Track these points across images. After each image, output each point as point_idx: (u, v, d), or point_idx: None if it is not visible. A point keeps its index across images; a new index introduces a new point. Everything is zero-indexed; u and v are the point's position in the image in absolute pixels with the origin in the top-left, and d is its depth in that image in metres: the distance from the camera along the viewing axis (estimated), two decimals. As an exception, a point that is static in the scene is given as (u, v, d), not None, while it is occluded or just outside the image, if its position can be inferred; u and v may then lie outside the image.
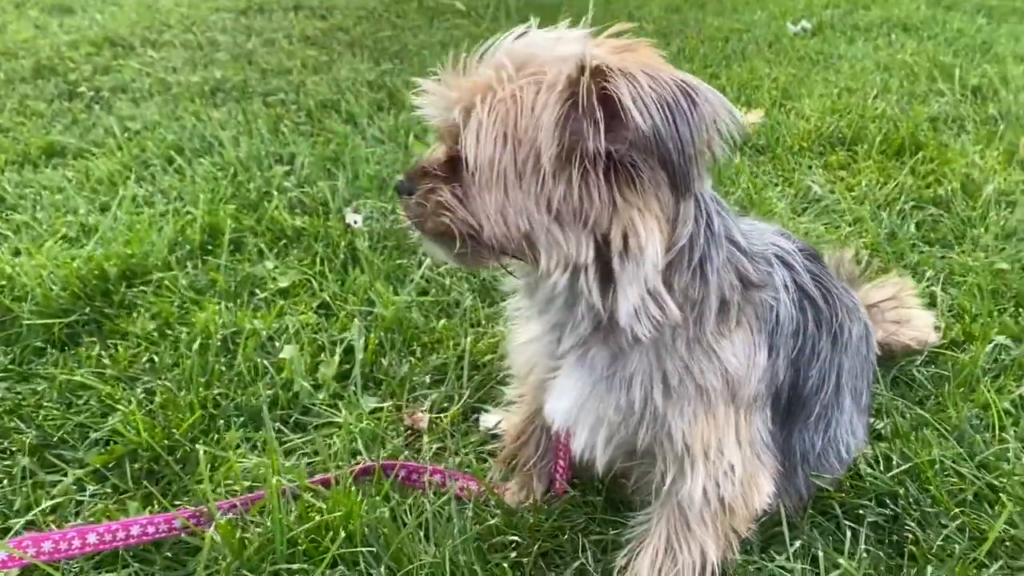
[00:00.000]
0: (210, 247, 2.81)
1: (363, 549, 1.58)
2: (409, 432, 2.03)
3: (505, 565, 1.63)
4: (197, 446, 1.91)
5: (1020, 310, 2.44)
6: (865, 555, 1.65)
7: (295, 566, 1.55)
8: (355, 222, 2.91)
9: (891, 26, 5.90)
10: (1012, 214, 3.00)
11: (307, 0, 6.66)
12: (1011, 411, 2.02)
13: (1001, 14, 6.23)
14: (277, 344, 2.30)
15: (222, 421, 2.03)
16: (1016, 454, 1.87)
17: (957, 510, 1.72)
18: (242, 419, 2.04)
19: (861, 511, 1.75)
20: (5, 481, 1.83)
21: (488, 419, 2.03)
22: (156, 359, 2.23)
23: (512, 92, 1.21)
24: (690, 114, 1.15)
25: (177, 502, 1.79)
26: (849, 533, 1.68)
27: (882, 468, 1.83)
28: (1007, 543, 1.66)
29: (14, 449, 1.92)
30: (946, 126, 3.96)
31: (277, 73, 4.79)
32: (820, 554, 1.64)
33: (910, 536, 1.69)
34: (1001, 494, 1.75)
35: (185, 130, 3.80)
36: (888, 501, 1.77)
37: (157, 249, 2.69)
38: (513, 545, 1.68)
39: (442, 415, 2.08)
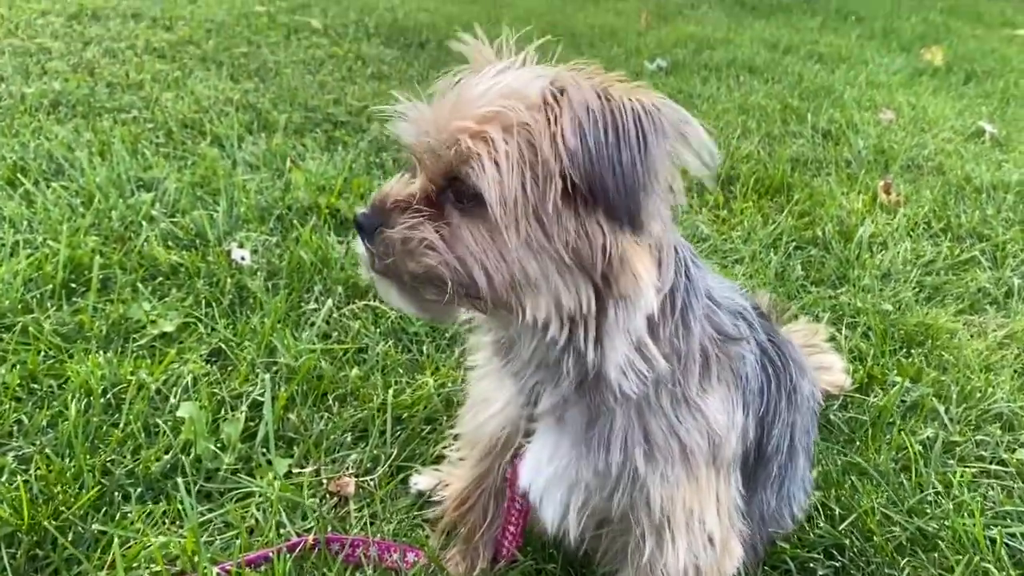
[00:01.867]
0: (73, 286, 2.50)
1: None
2: (334, 498, 1.86)
3: (465, 648, 1.51)
4: (93, 525, 1.66)
5: (911, 351, 2.57)
6: (824, 612, 1.65)
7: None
8: (242, 258, 2.67)
9: (738, 67, 6.18)
10: (885, 256, 3.18)
11: (147, 9, 6.17)
12: (922, 452, 2.10)
13: (832, 61, 6.68)
14: (170, 399, 2.05)
15: (117, 492, 1.77)
16: (936, 497, 1.94)
17: (902, 560, 1.75)
18: (139, 490, 1.80)
19: (811, 564, 1.75)
20: None
21: (421, 481, 1.88)
22: (26, 419, 1.93)
23: (523, 120, 1.08)
24: (638, 140, 1.04)
25: (76, 597, 1.54)
26: (803, 589, 1.68)
27: (824, 519, 1.85)
28: (946, 590, 1.71)
29: None
30: (807, 168, 4.17)
31: (126, 87, 4.39)
32: (780, 613, 1.62)
33: (861, 589, 1.71)
34: (938, 540, 1.80)
35: (27, 148, 3.39)
36: (835, 552, 1.78)
37: (13, 289, 2.36)
38: (472, 625, 1.56)
39: (368, 478, 1.92)
